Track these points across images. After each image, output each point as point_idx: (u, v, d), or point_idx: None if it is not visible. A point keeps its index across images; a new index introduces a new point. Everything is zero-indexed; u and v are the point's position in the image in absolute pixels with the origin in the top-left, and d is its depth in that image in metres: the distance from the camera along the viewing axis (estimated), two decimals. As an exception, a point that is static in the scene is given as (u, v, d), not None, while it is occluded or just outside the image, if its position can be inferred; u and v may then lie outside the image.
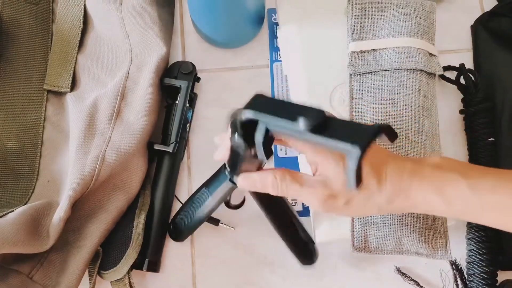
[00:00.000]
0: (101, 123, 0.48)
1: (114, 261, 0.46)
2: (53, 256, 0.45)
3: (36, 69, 0.53)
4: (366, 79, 0.50)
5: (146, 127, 0.48)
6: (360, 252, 0.46)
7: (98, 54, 0.53)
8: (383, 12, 0.51)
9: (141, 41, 0.51)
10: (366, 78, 0.50)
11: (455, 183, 0.36)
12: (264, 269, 0.50)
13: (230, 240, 0.50)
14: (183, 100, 0.51)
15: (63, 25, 0.54)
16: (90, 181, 0.45)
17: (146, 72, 0.49)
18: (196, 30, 0.56)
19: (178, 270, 0.50)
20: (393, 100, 0.48)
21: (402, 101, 0.48)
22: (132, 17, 0.51)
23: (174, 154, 0.50)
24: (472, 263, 0.48)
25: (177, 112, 0.50)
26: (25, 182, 0.50)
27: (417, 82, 0.49)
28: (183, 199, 0.52)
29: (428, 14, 0.51)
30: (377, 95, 0.49)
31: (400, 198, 0.37)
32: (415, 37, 0.50)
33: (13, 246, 0.41)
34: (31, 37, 0.53)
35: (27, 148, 0.51)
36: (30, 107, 0.52)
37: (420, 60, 0.49)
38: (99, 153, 0.46)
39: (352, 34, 0.51)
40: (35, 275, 0.44)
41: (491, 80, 0.53)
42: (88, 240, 0.45)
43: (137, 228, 0.47)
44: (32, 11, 0.54)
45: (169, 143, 0.50)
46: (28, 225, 0.42)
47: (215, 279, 0.50)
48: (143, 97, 0.48)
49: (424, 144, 0.47)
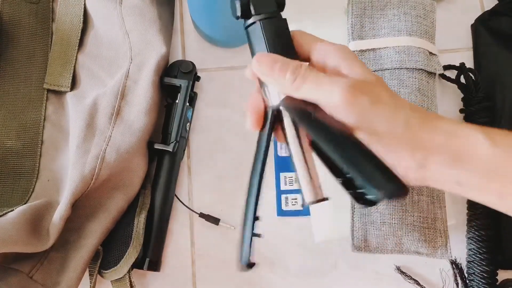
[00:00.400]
0: (101, 122, 0.47)
1: (115, 260, 0.46)
2: (53, 255, 0.45)
3: (36, 68, 0.53)
4: (366, 78, 0.49)
5: (146, 126, 0.48)
6: (360, 251, 0.46)
7: (98, 53, 0.53)
8: (383, 11, 0.51)
9: (141, 40, 0.51)
10: (366, 77, 0.50)
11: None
12: (265, 269, 0.50)
13: (230, 239, 0.50)
14: (183, 99, 0.51)
15: (63, 24, 0.54)
16: (90, 180, 0.45)
17: (146, 71, 0.49)
18: (196, 29, 0.56)
19: (178, 269, 0.50)
20: (393, 99, 0.48)
21: (402, 100, 0.48)
22: (132, 16, 0.51)
23: (174, 153, 0.50)
24: (472, 262, 0.48)
25: (177, 112, 0.50)
26: (25, 181, 0.50)
27: (417, 81, 0.49)
28: (183, 199, 0.52)
29: (429, 13, 0.51)
30: (377, 94, 0.49)
31: (433, 124, 0.31)
32: (415, 36, 0.50)
33: (13, 245, 0.41)
34: (31, 36, 0.53)
35: (27, 147, 0.51)
36: (30, 106, 0.52)
37: (420, 59, 0.49)
38: (99, 152, 0.46)
39: (352, 33, 0.51)
40: (35, 274, 0.44)
41: (491, 79, 0.53)
42: (88, 240, 0.45)
43: (137, 228, 0.47)
44: (32, 10, 0.54)
45: (169, 143, 0.50)
46: (28, 224, 0.42)
47: (215, 279, 0.50)
48: (143, 96, 0.48)
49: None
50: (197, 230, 0.51)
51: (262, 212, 0.51)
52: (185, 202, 0.52)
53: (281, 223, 0.51)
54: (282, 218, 0.51)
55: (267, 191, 0.51)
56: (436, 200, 0.47)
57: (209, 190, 0.52)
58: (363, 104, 0.31)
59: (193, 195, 0.52)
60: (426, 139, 0.31)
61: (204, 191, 0.52)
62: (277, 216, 0.51)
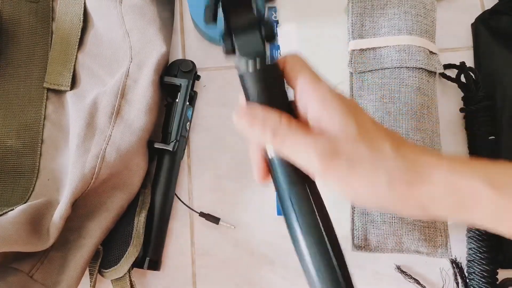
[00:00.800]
0: (101, 122, 0.47)
1: (115, 259, 0.46)
2: (53, 255, 0.45)
3: (36, 67, 0.53)
4: (367, 78, 0.49)
5: (146, 126, 0.48)
6: (360, 250, 0.46)
7: (98, 53, 0.53)
8: (383, 10, 0.51)
9: (141, 40, 0.51)
10: (366, 77, 0.50)
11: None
12: (265, 268, 0.50)
13: (230, 239, 0.50)
14: (183, 98, 0.51)
15: (63, 23, 0.53)
16: (90, 179, 0.45)
17: (146, 70, 0.49)
18: (196, 28, 0.56)
19: (178, 269, 0.50)
20: (393, 98, 0.48)
21: (403, 100, 0.48)
22: (132, 15, 0.51)
23: (174, 152, 0.50)
24: (472, 261, 0.48)
25: (177, 111, 0.50)
26: (25, 180, 0.50)
27: (418, 80, 0.48)
28: (183, 198, 0.52)
29: (429, 12, 0.51)
30: (377, 94, 0.49)
31: (425, 174, 0.29)
32: (415, 35, 0.50)
33: (13, 245, 0.41)
34: (31, 36, 0.53)
35: (27, 147, 0.51)
36: (30, 105, 0.52)
37: (420, 58, 0.49)
38: (99, 152, 0.46)
39: (352, 32, 0.51)
40: (35, 273, 0.44)
41: (491, 78, 0.53)
42: (88, 239, 0.45)
43: (137, 227, 0.47)
44: (32, 9, 0.54)
45: (169, 142, 0.50)
46: (28, 223, 0.42)
47: (215, 278, 0.50)
48: (143, 96, 0.48)
49: (425, 142, 0.47)
50: (197, 229, 0.51)
51: (263, 211, 0.52)
52: (185, 201, 0.51)
53: (281, 222, 0.51)
54: (282, 217, 0.51)
55: (267, 190, 0.51)
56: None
57: (209, 189, 0.52)
58: (341, 170, 0.30)
59: (193, 194, 0.52)
60: (419, 195, 0.29)
61: (204, 190, 0.52)
62: (277, 215, 0.51)
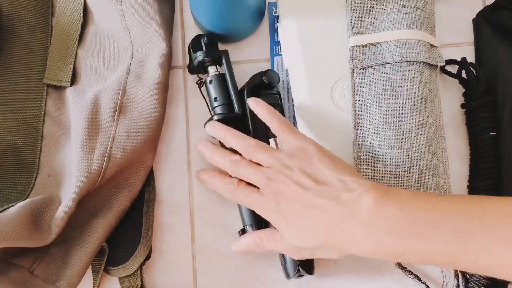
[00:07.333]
0: (104, 119, 0.47)
1: (123, 258, 0.46)
2: (54, 251, 0.45)
3: (36, 63, 0.53)
4: (368, 73, 0.49)
5: (151, 125, 0.48)
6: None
7: (99, 49, 0.53)
8: (382, 4, 0.51)
9: (142, 36, 0.51)
10: (368, 72, 0.49)
11: None
12: (265, 265, 0.50)
13: (231, 234, 0.50)
14: (229, 67, 0.51)
15: (63, 19, 0.53)
16: (96, 178, 0.45)
17: (150, 68, 0.49)
18: (196, 24, 0.56)
19: (178, 265, 0.50)
20: (396, 93, 0.48)
21: (405, 94, 0.48)
22: (132, 11, 0.51)
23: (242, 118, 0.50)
24: (473, 257, 0.48)
25: (230, 82, 0.50)
26: (26, 176, 0.50)
27: (419, 74, 0.48)
28: (184, 194, 0.51)
29: (427, 5, 0.51)
30: (379, 89, 0.48)
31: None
32: (415, 28, 0.49)
33: (14, 241, 0.41)
34: (31, 31, 0.53)
35: (27, 142, 0.51)
36: (30, 101, 0.52)
37: (421, 52, 0.48)
38: (105, 151, 0.46)
39: (352, 28, 0.51)
40: (36, 269, 0.44)
41: (492, 74, 0.53)
42: (91, 236, 0.45)
43: (146, 226, 0.47)
44: (32, 4, 0.54)
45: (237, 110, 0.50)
46: (29, 219, 0.42)
47: (216, 274, 0.50)
48: (149, 97, 0.48)
49: (429, 136, 0.47)
50: (197, 225, 0.51)
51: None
52: (185, 198, 0.51)
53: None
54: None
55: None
56: (442, 194, 0.47)
57: (209, 185, 0.52)
58: (311, 251, 0.44)
59: (193, 191, 0.52)
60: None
61: (204, 186, 0.52)
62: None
